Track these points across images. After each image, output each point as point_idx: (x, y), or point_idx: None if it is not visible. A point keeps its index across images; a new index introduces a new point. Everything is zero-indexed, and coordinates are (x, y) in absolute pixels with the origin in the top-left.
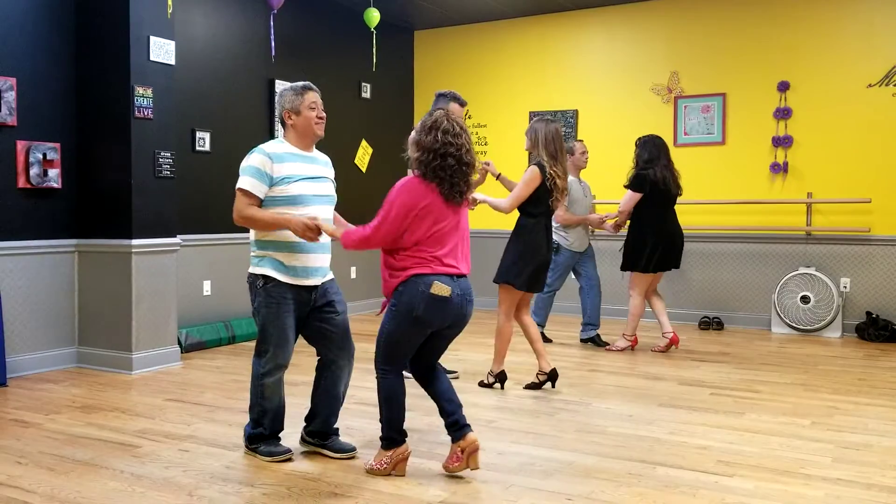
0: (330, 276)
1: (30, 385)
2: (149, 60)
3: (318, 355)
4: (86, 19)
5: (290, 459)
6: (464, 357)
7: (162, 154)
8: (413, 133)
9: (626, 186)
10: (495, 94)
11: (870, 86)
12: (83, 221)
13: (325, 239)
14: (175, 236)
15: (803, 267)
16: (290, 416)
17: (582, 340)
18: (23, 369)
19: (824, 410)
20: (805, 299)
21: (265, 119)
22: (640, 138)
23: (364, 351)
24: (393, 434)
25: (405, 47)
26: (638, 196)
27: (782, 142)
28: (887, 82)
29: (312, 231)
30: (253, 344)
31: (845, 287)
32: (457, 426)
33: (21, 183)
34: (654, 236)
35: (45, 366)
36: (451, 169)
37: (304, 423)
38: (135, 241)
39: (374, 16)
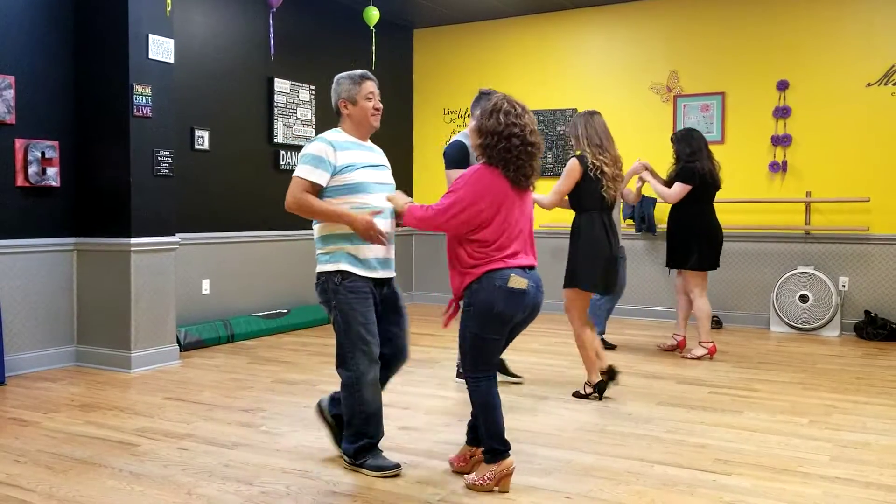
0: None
1: (28, 383)
2: (147, 59)
3: None
4: (85, 17)
5: (398, 475)
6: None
7: (161, 152)
8: (472, 121)
9: (673, 178)
10: None
11: (869, 85)
12: (82, 220)
13: (391, 228)
14: (174, 235)
15: (802, 266)
16: (290, 415)
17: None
18: (21, 368)
19: (822, 409)
20: (804, 298)
21: (264, 117)
22: (676, 133)
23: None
24: (495, 444)
25: (404, 46)
26: (688, 188)
27: (781, 141)
28: (886, 81)
29: (375, 232)
30: (252, 344)
31: (844, 286)
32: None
33: (19, 181)
34: (702, 232)
35: (43, 364)
36: (516, 150)
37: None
38: (133, 240)
39: (373, 14)
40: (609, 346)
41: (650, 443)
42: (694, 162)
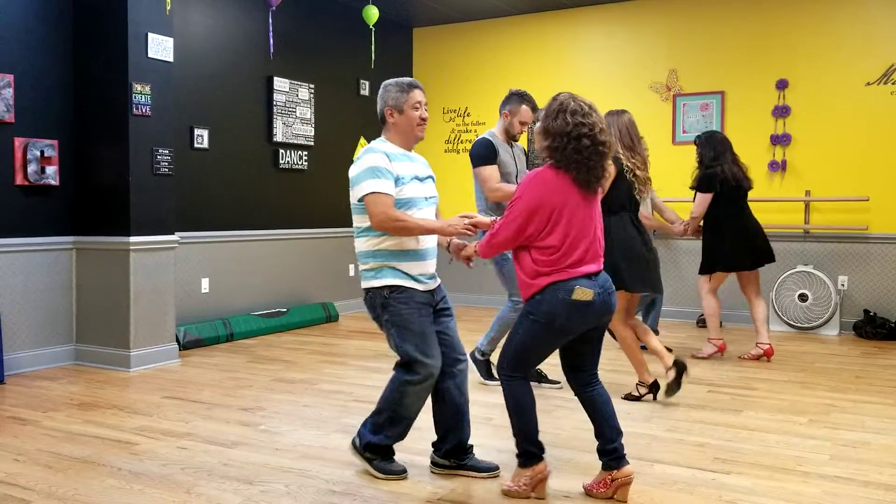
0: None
1: (28, 382)
2: (147, 57)
3: None
4: (84, 16)
5: (404, 479)
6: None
7: (160, 151)
8: (538, 124)
9: (693, 188)
10: (494, 92)
11: (868, 84)
12: (81, 219)
13: (434, 242)
14: (173, 233)
15: (801, 265)
16: (289, 414)
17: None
18: (20, 367)
19: (822, 408)
20: (803, 297)
21: (264, 116)
22: (699, 136)
23: (360, 349)
24: (529, 447)
25: (404, 44)
26: (709, 197)
27: (781, 140)
28: (886, 80)
29: (468, 227)
30: (251, 343)
31: (843, 285)
32: (614, 455)
33: (19, 180)
34: (732, 233)
35: (42, 363)
36: (587, 151)
37: (435, 445)
38: (133, 239)
39: (372, 13)
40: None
41: (649, 441)
42: (715, 167)
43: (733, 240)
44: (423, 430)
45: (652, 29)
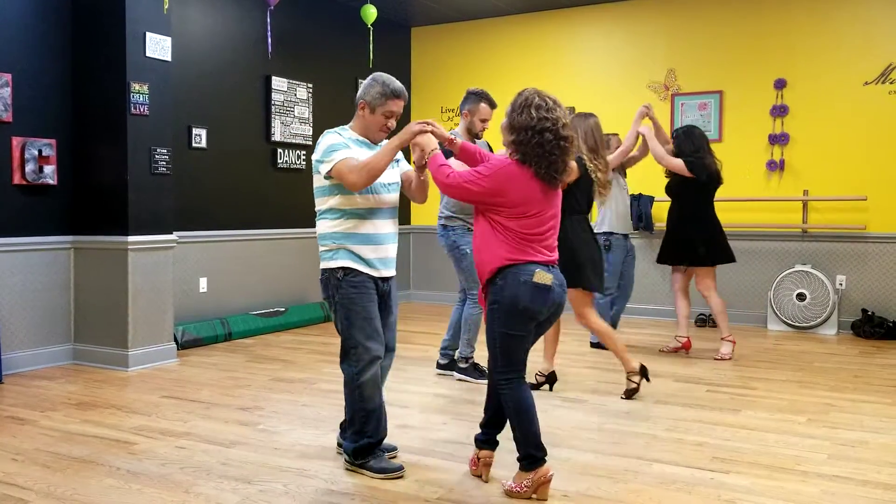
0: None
1: (26, 382)
2: (145, 56)
3: None
4: (82, 15)
5: (401, 477)
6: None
7: (158, 151)
8: (504, 120)
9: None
10: (492, 91)
11: (866, 83)
12: (79, 218)
13: (393, 228)
14: (171, 233)
15: (799, 264)
16: (288, 414)
17: (593, 345)
18: (19, 366)
19: (820, 407)
20: (801, 296)
21: (262, 115)
22: (677, 130)
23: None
24: (531, 451)
25: (402, 44)
26: (688, 174)
27: (779, 139)
28: (884, 80)
29: (422, 127)
30: (249, 342)
31: (841, 284)
32: (486, 439)
33: (16, 179)
34: (707, 227)
35: (40, 363)
36: (549, 145)
37: (342, 427)
38: (131, 238)
39: (371, 12)
40: (600, 346)
41: (648, 441)
42: (701, 158)
43: (712, 235)
44: (421, 428)
45: (650, 28)
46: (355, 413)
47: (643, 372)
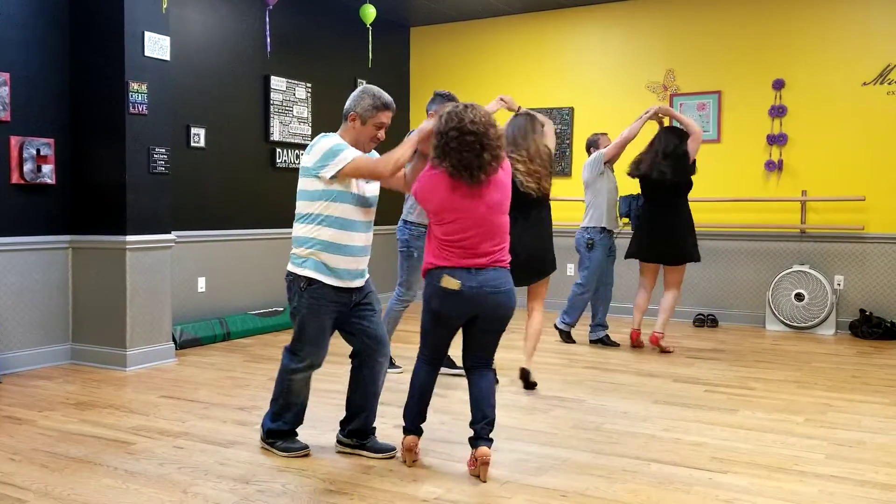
0: (367, 276)
1: (23, 382)
2: (143, 56)
3: (351, 354)
4: (80, 14)
5: (307, 455)
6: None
7: (156, 150)
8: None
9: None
10: (490, 91)
11: (864, 84)
12: (77, 217)
13: (367, 241)
14: (169, 233)
15: (797, 264)
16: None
17: (592, 341)
18: (16, 366)
19: (818, 407)
20: (799, 297)
21: (261, 115)
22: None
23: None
24: (404, 420)
25: (401, 44)
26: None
27: (777, 139)
28: (882, 81)
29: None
30: (248, 342)
31: (839, 285)
32: (474, 435)
33: (14, 179)
34: (691, 225)
35: (38, 362)
36: (454, 142)
37: (341, 426)
38: (129, 238)
39: (369, 12)
40: (570, 340)
41: (646, 441)
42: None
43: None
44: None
45: (649, 29)
46: (280, 398)
47: (523, 375)
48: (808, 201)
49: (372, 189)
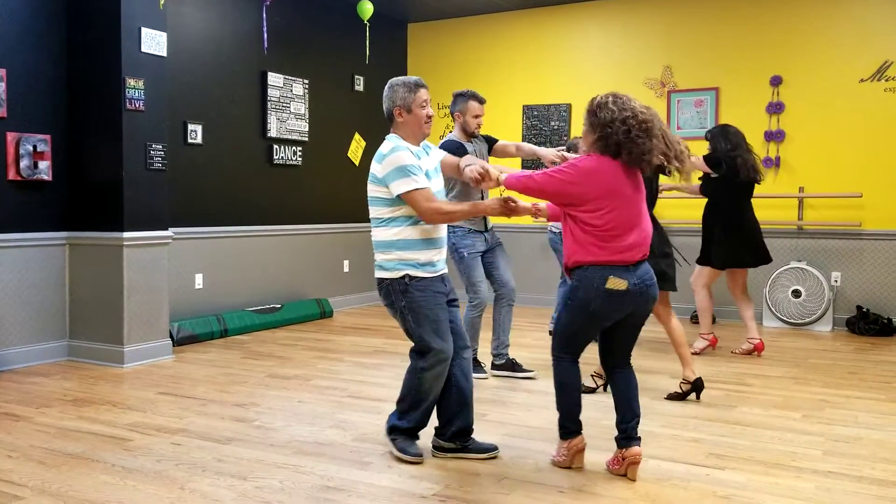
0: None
1: (20, 378)
2: (140, 52)
3: None
4: (77, 10)
5: (418, 463)
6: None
7: (153, 146)
8: (583, 127)
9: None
10: (488, 88)
11: (862, 81)
12: (74, 214)
13: (445, 231)
14: (167, 229)
15: (795, 261)
16: (284, 410)
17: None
18: (13, 362)
19: (815, 403)
20: (796, 293)
21: (257, 112)
22: (710, 131)
23: (354, 344)
24: (565, 423)
25: (399, 40)
26: (707, 169)
27: (774, 136)
28: (879, 77)
29: (508, 204)
30: (245, 339)
31: (836, 281)
32: (624, 434)
33: (11, 175)
34: (737, 229)
35: (35, 359)
36: (635, 130)
37: (438, 430)
38: (126, 234)
39: (367, 8)
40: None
41: (644, 437)
42: (735, 157)
43: (738, 236)
44: None
45: (647, 25)
46: (408, 396)
47: (696, 385)
48: (806, 198)
49: (437, 184)
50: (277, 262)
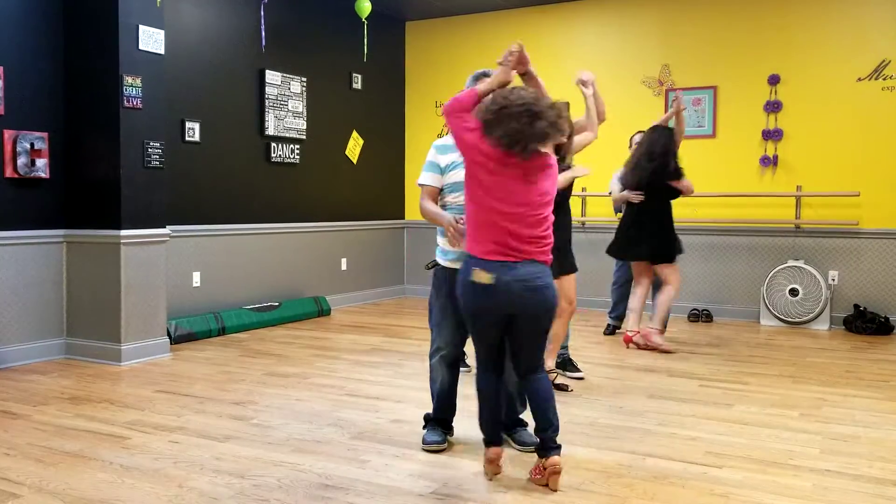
0: None
1: (18, 376)
2: (138, 49)
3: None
4: (74, 7)
5: (439, 451)
6: None
7: (151, 144)
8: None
9: (673, 175)
10: None
11: (860, 80)
12: (71, 212)
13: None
14: (164, 227)
15: (792, 260)
16: (282, 408)
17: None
18: (11, 360)
19: (812, 402)
20: (794, 292)
21: (255, 109)
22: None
23: (352, 343)
24: (481, 430)
25: (396, 38)
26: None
27: (772, 135)
28: (877, 76)
29: (456, 232)
30: (243, 337)
31: (833, 280)
32: (542, 445)
33: (8, 173)
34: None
35: (33, 357)
36: (516, 112)
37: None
38: (124, 232)
39: (365, 6)
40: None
41: (641, 436)
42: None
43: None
44: (415, 423)
45: (645, 24)
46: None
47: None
48: (803, 197)
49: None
50: (275, 260)
